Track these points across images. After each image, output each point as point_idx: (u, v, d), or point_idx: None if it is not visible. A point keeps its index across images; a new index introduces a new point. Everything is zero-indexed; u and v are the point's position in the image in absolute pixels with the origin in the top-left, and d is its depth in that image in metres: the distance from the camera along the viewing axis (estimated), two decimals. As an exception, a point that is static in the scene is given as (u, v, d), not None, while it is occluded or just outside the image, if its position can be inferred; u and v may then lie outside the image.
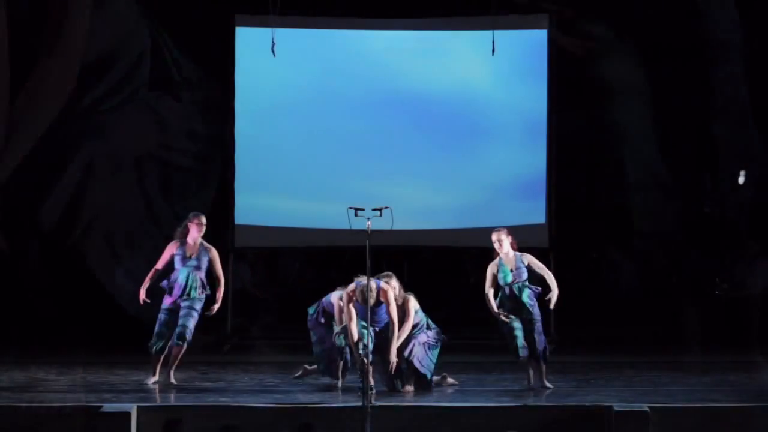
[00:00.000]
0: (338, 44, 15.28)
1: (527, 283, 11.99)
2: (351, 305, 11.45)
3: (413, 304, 11.86)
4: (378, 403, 10.84)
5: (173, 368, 12.12)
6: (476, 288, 16.37)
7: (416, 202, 14.78)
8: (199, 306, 12.07)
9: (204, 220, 12.15)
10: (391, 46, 15.27)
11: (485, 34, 14.11)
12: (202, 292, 12.05)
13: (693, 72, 17.58)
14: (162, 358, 12.10)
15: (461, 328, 15.80)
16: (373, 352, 11.43)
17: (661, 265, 16.87)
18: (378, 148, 15.17)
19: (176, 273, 12.10)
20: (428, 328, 12.02)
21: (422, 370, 11.86)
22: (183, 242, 12.12)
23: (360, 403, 10.31)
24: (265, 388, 12.23)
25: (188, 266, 12.05)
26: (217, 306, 12.15)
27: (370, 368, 10.89)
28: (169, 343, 12.01)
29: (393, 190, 14.28)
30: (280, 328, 15.17)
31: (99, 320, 15.85)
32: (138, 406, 10.71)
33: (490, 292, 12.08)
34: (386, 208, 11.48)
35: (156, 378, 12.12)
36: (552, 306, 11.87)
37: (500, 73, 15.14)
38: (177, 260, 12.10)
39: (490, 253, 11.57)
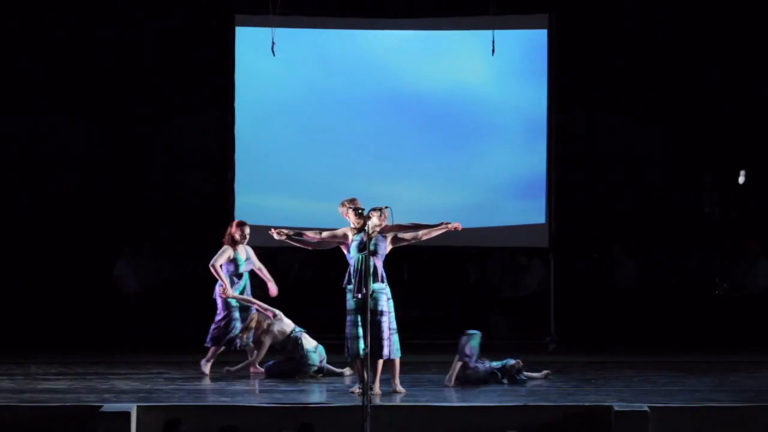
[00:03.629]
0: (338, 44, 15.24)
1: None
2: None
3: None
4: (378, 403, 10.85)
5: None
6: (476, 288, 16.44)
7: (416, 202, 14.73)
8: None
9: None
10: (391, 46, 15.23)
11: (485, 34, 14.06)
12: None
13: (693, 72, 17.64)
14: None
15: (461, 328, 15.81)
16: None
17: (661, 265, 16.86)
18: (378, 148, 15.13)
19: None
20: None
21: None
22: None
23: (360, 403, 10.31)
24: (265, 388, 12.23)
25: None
26: None
27: (366, 365, 10.87)
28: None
29: (393, 190, 14.24)
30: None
31: (98, 319, 15.86)
32: (138, 406, 10.72)
33: None
34: (386, 207, 11.48)
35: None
36: None
37: (500, 73, 15.10)
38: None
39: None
